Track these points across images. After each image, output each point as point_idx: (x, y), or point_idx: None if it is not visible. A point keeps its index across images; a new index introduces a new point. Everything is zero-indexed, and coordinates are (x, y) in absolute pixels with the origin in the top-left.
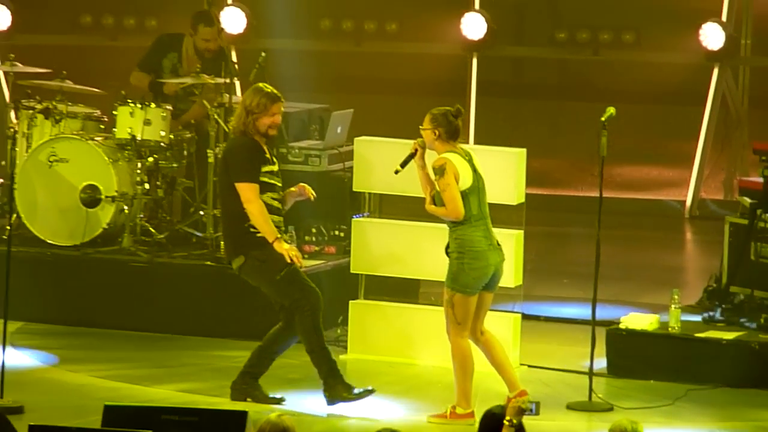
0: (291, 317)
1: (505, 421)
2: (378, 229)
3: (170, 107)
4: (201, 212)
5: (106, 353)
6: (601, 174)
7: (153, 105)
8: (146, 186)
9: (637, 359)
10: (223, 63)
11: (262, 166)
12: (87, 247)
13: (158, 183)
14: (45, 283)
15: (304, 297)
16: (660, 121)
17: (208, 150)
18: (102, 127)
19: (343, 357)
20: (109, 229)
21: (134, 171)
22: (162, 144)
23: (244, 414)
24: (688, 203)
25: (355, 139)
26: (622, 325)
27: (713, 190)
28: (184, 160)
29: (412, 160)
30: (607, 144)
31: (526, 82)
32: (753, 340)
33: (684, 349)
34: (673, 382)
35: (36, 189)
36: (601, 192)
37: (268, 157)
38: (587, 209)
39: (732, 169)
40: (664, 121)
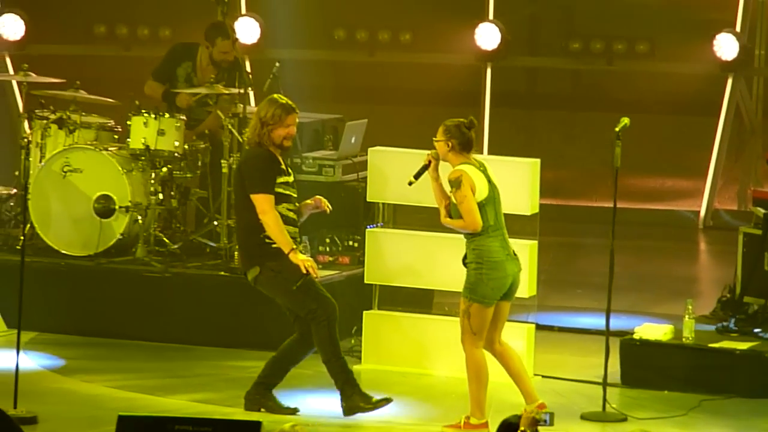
0: (306, 328)
1: (519, 431)
2: (392, 239)
3: (184, 117)
4: (215, 222)
5: (119, 363)
6: (615, 184)
7: (167, 115)
8: (160, 196)
9: (651, 369)
10: (237, 73)
11: (278, 177)
12: (101, 258)
13: (172, 193)
14: (59, 293)
15: (320, 307)
16: (674, 132)
17: (222, 160)
18: (116, 137)
19: (357, 367)
20: (123, 240)
21: (148, 181)
22: (176, 154)
23: (257, 424)
24: (702, 213)
25: (369, 149)
26: (636, 336)
27: (727, 201)
28: (198, 171)
29: (426, 172)
30: (621, 154)
31: (540, 92)
32: (767, 350)
33: (698, 359)
34: (686, 393)
35: (50, 199)
36: (615, 202)
37: (283, 168)
38: (601, 219)
39: (746, 180)
40: (678, 131)
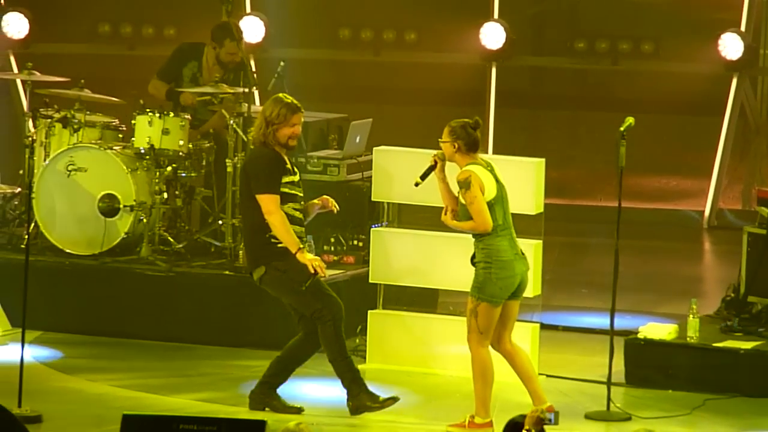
0: (310, 328)
1: (524, 430)
2: (397, 238)
3: (189, 116)
4: (220, 222)
5: (124, 362)
6: (620, 184)
7: (172, 114)
8: (165, 195)
9: (655, 369)
10: (242, 73)
11: (283, 177)
12: (105, 257)
13: (177, 192)
14: (63, 292)
15: (326, 307)
16: (679, 131)
17: (227, 159)
18: (120, 136)
19: (362, 366)
20: (128, 239)
21: (153, 180)
22: (180, 153)
23: (262, 423)
24: (706, 213)
25: (374, 148)
26: (640, 335)
27: (732, 200)
28: (202, 170)
29: (433, 173)
30: (626, 154)
31: (544, 92)
32: None
33: (702, 358)
34: (691, 392)
35: (54, 198)
36: (620, 202)
37: (288, 168)
38: (606, 219)
39: (750, 179)
40: (683, 131)
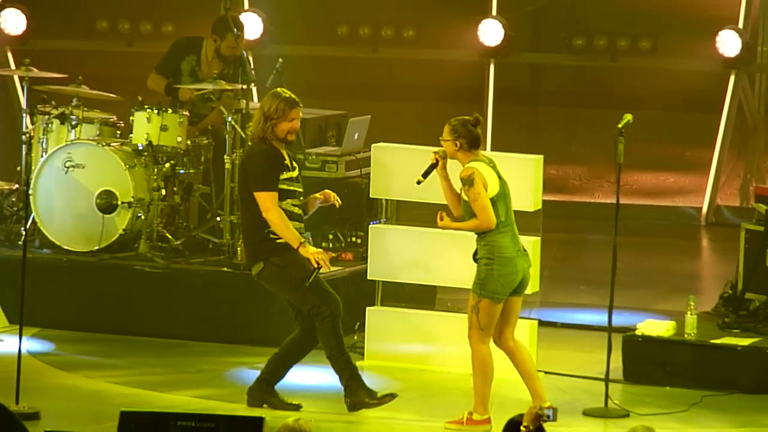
0: (308, 324)
1: (522, 427)
2: (395, 235)
3: (187, 113)
4: (218, 218)
5: (122, 359)
6: (618, 181)
7: (170, 111)
8: (163, 192)
9: (652, 365)
10: (240, 69)
11: (281, 174)
12: (103, 253)
13: (175, 189)
14: (61, 288)
15: (324, 303)
16: (676, 128)
17: (225, 156)
18: (118, 132)
19: (360, 363)
20: (126, 235)
21: (151, 177)
22: (179, 150)
23: (260, 420)
24: (704, 210)
25: (373, 145)
26: (638, 332)
27: (729, 197)
28: (201, 166)
29: (435, 171)
30: (624, 151)
31: (543, 88)
32: None
33: (700, 355)
34: (688, 389)
35: (52, 195)
36: (617, 199)
37: (287, 164)
38: (604, 216)
39: (748, 176)
40: (681, 128)
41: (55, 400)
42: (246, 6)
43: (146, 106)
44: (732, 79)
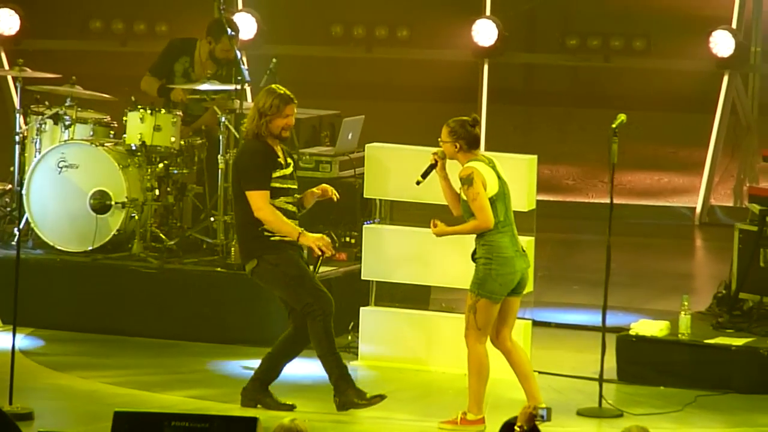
0: (300, 322)
1: (516, 427)
2: (389, 235)
3: (180, 113)
4: (211, 218)
5: (115, 359)
6: (612, 181)
7: (163, 111)
8: (156, 192)
9: (646, 365)
10: (234, 69)
11: (274, 171)
12: (97, 253)
13: (168, 189)
14: (55, 289)
15: (316, 302)
16: (670, 128)
17: (218, 156)
18: (112, 132)
19: (353, 363)
20: (119, 235)
21: (144, 177)
22: (172, 150)
23: (254, 420)
24: (698, 210)
25: (366, 145)
26: (632, 332)
27: (723, 197)
28: (194, 166)
29: (434, 171)
30: (618, 151)
31: (536, 88)
32: (762, 346)
33: (694, 355)
34: (682, 389)
35: (45, 195)
36: (611, 198)
37: (280, 161)
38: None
39: (742, 176)
40: (674, 128)
41: (48, 400)
42: (240, 6)
43: (139, 107)
44: (725, 79)
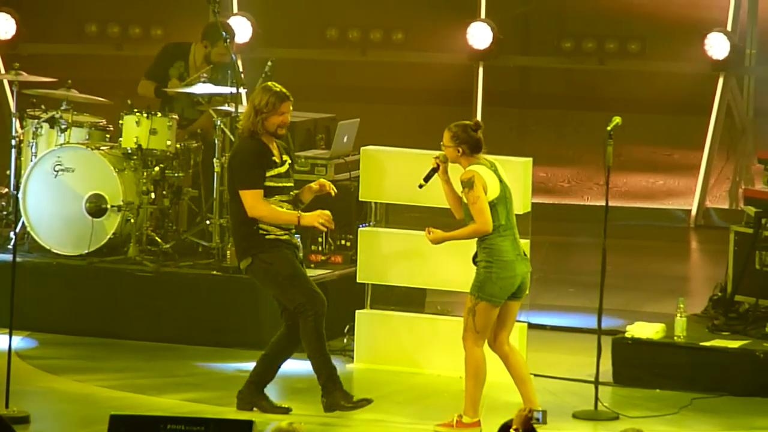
0: (293, 321)
1: (512, 430)
2: (384, 238)
3: (176, 116)
4: (207, 221)
5: (111, 363)
6: (607, 183)
7: (159, 114)
8: (152, 195)
9: (642, 368)
10: (229, 73)
11: (268, 170)
12: (93, 257)
13: (164, 192)
14: (51, 292)
15: (309, 302)
16: (665, 131)
17: (214, 159)
18: (108, 136)
19: (349, 366)
20: (115, 239)
21: (140, 180)
22: (168, 153)
23: (249, 423)
24: (693, 212)
25: (362, 148)
26: (627, 334)
27: (718, 200)
28: (190, 170)
29: (436, 175)
30: (613, 153)
31: (532, 91)
32: (758, 348)
33: (689, 357)
34: (678, 391)
35: (41, 198)
36: (607, 201)
37: (275, 160)
38: (593, 218)
39: (737, 179)
40: (670, 130)
41: (44, 403)
42: (235, 9)
43: (135, 110)
44: (721, 81)
